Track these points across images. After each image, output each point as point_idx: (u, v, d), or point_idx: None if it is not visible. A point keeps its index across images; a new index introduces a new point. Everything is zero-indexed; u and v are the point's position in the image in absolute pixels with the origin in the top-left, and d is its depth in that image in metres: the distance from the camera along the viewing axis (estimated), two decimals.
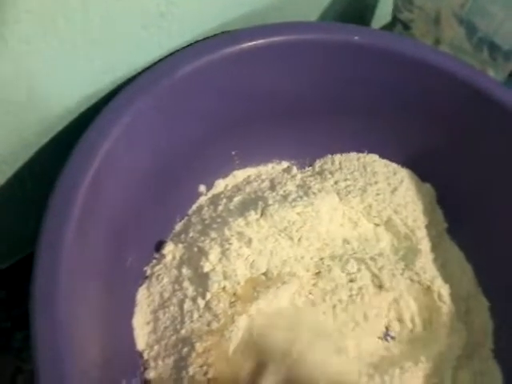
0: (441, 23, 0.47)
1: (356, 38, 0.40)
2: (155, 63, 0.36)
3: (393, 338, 0.40)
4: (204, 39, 0.38)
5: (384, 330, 0.40)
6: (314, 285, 0.40)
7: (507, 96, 0.41)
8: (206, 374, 0.35)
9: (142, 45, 0.35)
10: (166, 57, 0.37)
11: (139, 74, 0.36)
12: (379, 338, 0.39)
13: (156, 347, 0.37)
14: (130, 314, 0.38)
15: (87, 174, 0.32)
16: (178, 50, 0.37)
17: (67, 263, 0.29)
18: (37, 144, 0.34)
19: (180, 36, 0.37)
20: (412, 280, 0.41)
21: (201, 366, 0.35)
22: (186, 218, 0.43)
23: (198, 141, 0.42)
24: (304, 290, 0.39)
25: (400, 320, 0.40)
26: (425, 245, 0.43)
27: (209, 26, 0.39)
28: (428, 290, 0.41)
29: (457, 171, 0.45)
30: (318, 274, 0.41)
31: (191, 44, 0.38)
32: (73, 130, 0.34)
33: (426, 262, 0.42)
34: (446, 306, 0.40)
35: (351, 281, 0.40)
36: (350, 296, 0.40)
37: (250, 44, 0.39)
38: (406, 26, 0.51)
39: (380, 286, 0.40)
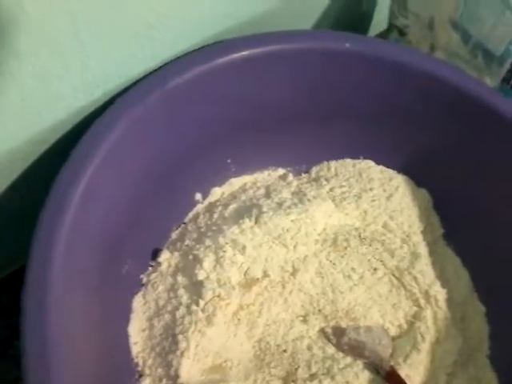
0: (435, 29, 0.47)
1: (347, 45, 0.40)
2: (148, 74, 0.37)
3: None
4: (197, 49, 0.39)
5: None
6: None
7: (501, 102, 0.41)
8: None
9: (134, 56, 0.35)
10: (159, 68, 0.37)
11: (132, 85, 0.36)
12: None
13: (151, 355, 0.37)
14: (126, 321, 0.38)
15: (79, 185, 0.32)
16: (171, 61, 0.38)
17: (59, 274, 0.30)
18: (33, 155, 0.35)
19: (173, 46, 0.38)
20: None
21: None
22: (183, 225, 0.44)
23: (193, 149, 0.42)
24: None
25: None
26: (422, 249, 0.43)
27: (202, 35, 0.39)
28: (425, 294, 0.41)
29: (452, 177, 0.45)
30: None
31: (184, 54, 0.38)
32: (67, 141, 0.35)
33: (424, 266, 0.42)
34: (441, 311, 0.40)
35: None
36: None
37: (243, 53, 0.39)
38: (402, 32, 0.51)
39: None
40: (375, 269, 0.42)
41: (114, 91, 0.36)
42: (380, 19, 0.57)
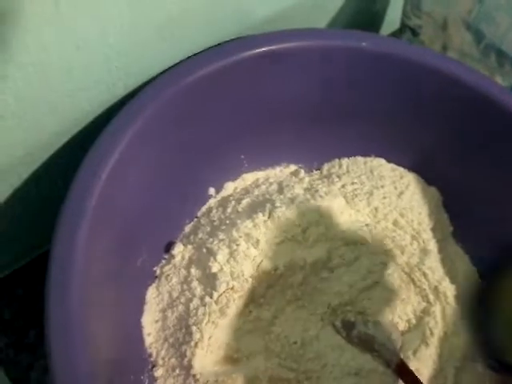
0: (448, 29, 0.48)
1: (364, 44, 0.41)
2: (168, 69, 0.37)
3: None
4: (216, 45, 0.39)
5: None
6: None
7: None
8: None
9: (156, 50, 0.36)
10: (178, 63, 0.38)
11: (153, 79, 0.37)
12: None
13: (164, 345, 0.38)
14: (139, 312, 0.39)
15: (101, 177, 0.33)
16: (190, 56, 0.38)
17: (80, 263, 0.30)
18: (54, 146, 0.36)
19: (192, 42, 0.38)
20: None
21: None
22: (196, 219, 0.44)
23: (208, 145, 0.43)
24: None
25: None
26: (432, 246, 0.44)
27: (222, 32, 0.40)
28: (435, 290, 0.41)
29: (463, 175, 0.45)
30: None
31: (203, 51, 0.39)
32: (88, 133, 0.36)
33: (434, 263, 0.43)
34: (449, 307, 0.41)
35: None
36: None
37: (259, 50, 0.39)
38: (415, 33, 0.51)
39: None
40: (385, 264, 0.42)
41: (135, 85, 0.36)
42: (392, 19, 0.58)
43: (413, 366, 0.38)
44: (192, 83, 0.37)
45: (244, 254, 0.39)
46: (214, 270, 0.39)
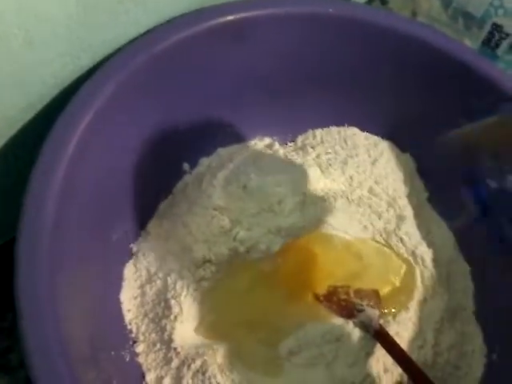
0: None
1: (330, 10, 0.41)
2: (132, 40, 0.37)
3: None
4: (182, 15, 0.39)
5: None
6: None
7: (485, 65, 0.42)
8: None
9: (119, 21, 0.35)
10: (144, 33, 0.37)
11: (118, 50, 0.36)
12: None
13: (144, 321, 0.38)
14: (117, 289, 0.39)
15: (67, 151, 0.32)
16: (156, 26, 0.38)
17: (49, 241, 0.30)
18: (20, 121, 0.35)
19: (157, 12, 0.37)
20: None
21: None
22: (171, 195, 0.44)
23: (180, 119, 0.42)
24: None
25: None
26: (408, 212, 0.44)
27: (186, 3, 0.39)
28: (412, 254, 0.42)
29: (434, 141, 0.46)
30: None
31: (169, 20, 0.38)
32: (54, 107, 0.35)
33: (410, 228, 0.43)
34: (427, 270, 0.41)
35: None
36: None
37: (228, 19, 0.39)
38: (383, 1, 0.51)
39: None
40: (365, 227, 0.43)
41: (101, 56, 0.35)
42: None
43: (393, 329, 0.38)
44: (159, 54, 0.37)
45: (220, 226, 0.39)
46: (191, 243, 0.39)
